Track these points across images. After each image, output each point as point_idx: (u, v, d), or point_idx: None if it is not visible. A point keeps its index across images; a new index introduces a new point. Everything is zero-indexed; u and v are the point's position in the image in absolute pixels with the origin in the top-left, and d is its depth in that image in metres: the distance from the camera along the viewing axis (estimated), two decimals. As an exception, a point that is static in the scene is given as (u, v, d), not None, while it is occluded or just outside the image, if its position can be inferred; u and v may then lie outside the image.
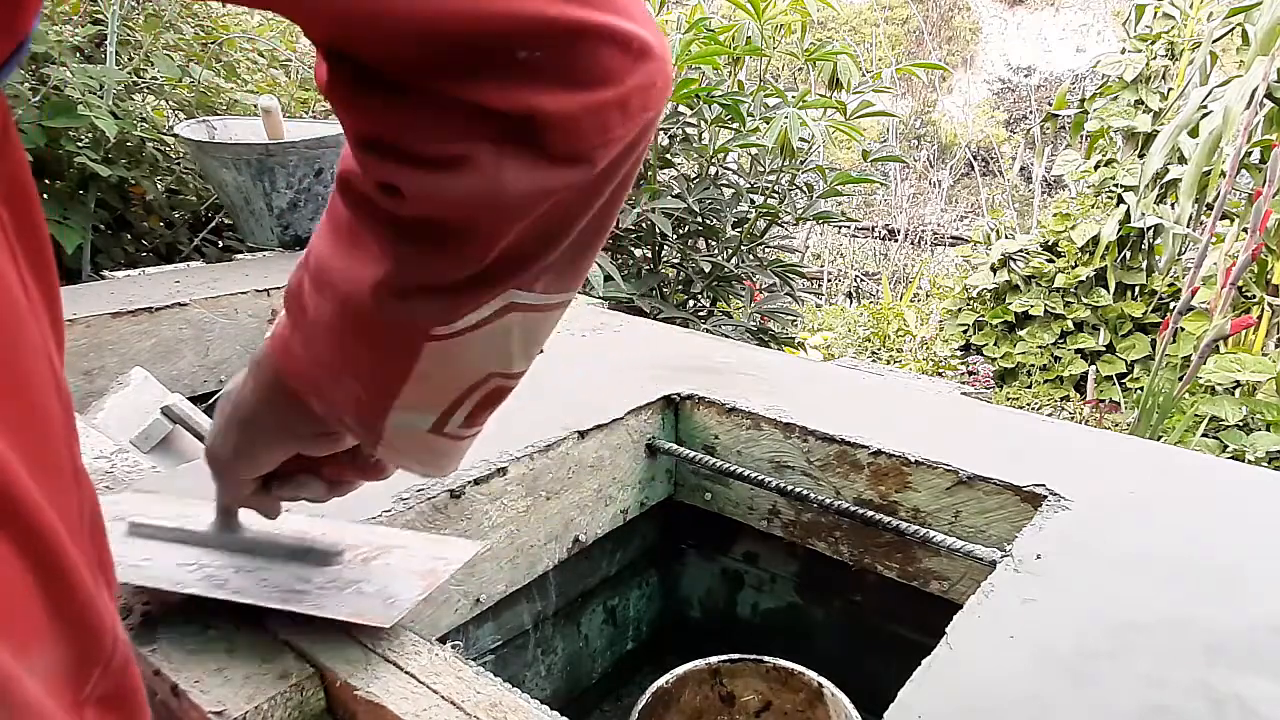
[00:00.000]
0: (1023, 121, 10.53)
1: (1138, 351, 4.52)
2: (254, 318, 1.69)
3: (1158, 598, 0.77)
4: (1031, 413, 1.20)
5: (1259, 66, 3.43)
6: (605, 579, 1.26)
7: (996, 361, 4.83)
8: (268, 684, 0.64)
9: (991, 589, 0.77)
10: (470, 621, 1.01)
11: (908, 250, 8.18)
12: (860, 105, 2.51)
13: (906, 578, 1.06)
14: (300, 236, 2.01)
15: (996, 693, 0.65)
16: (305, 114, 2.82)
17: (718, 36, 2.25)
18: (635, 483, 1.19)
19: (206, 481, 0.64)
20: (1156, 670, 0.68)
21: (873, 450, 1.05)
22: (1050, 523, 0.88)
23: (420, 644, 0.68)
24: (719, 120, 2.46)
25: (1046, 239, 4.88)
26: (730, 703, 1.00)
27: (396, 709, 0.61)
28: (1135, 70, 4.62)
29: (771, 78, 3.31)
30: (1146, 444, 1.11)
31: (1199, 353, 3.36)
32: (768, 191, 2.59)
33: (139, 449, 1.25)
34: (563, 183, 0.40)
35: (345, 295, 0.46)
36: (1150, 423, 3.21)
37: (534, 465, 1.03)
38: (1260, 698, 0.65)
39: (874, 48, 10.46)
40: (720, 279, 2.57)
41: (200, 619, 0.71)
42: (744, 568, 1.28)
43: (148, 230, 2.31)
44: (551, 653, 1.20)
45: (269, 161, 1.87)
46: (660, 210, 2.26)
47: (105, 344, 1.48)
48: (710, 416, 1.19)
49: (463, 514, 0.95)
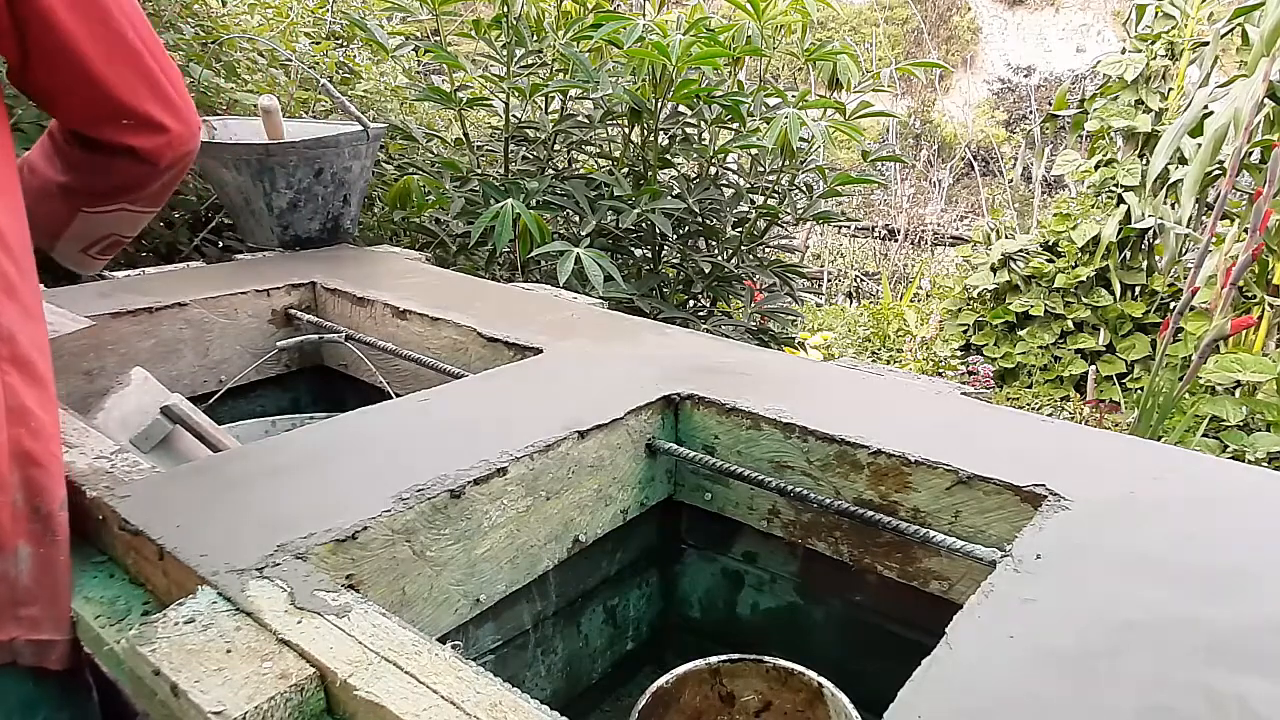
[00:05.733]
0: (1023, 121, 10.53)
1: (1138, 352, 4.52)
2: (254, 318, 1.69)
3: (1158, 598, 0.77)
4: (1031, 413, 1.20)
5: (1262, 67, 3.43)
6: (605, 579, 1.26)
7: (997, 361, 4.83)
8: (268, 684, 0.64)
9: (991, 589, 0.77)
10: (470, 621, 1.01)
11: (908, 250, 8.18)
12: (860, 105, 2.51)
13: (906, 578, 1.06)
14: (300, 236, 2.01)
15: (996, 693, 0.65)
16: (305, 114, 2.82)
17: (718, 36, 2.25)
18: (635, 483, 1.19)
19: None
20: (1156, 670, 0.68)
21: (873, 450, 1.05)
22: (1050, 523, 0.88)
23: (420, 644, 0.68)
24: (719, 120, 2.46)
25: (1047, 239, 4.88)
26: (730, 703, 1.00)
27: (396, 709, 0.61)
28: (1136, 70, 4.62)
29: (771, 78, 3.31)
30: (1146, 444, 1.11)
31: (1199, 353, 3.36)
32: (768, 192, 2.59)
33: (139, 449, 1.25)
34: (144, 170, 1.01)
35: (43, 183, 1.04)
36: (1150, 423, 3.21)
37: (534, 465, 1.03)
38: (1260, 698, 0.65)
39: (874, 48, 10.46)
40: (720, 279, 2.57)
41: (200, 619, 0.71)
42: (744, 568, 1.28)
43: (148, 230, 2.31)
44: (551, 653, 1.20)
45: (269, 161, 1.87)
46: (660, 210, 2.26)
47: (105, 344, 1.48)
48: (710, 416, 1.19)
49: (463, 514, 0.95)
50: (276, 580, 0.76)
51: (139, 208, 1.11)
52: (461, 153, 2.78)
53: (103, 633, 0.80)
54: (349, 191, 2.03)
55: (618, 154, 2.64)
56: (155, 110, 0.96)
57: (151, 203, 1.11)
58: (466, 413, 1.14)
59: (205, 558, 0.79)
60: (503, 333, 1.46)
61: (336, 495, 0.91)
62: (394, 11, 2.61)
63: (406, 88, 3.20)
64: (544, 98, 2.58)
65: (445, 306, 1.59)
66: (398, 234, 2.74)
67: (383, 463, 0.99)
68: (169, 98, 0.97)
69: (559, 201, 2.38)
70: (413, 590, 0.92)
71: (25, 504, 0.80)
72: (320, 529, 0.84)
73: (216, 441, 1.31)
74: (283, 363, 1.75)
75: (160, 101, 0.96)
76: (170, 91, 0.97)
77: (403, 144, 2.77)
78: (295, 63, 2.75)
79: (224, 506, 0.89)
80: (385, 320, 1.64)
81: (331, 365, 1.78)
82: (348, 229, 2.10)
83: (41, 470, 0.82)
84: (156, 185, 1.07)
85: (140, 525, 0.84)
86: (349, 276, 1.79)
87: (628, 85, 2.37)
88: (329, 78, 2.86)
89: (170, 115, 0.98)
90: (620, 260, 2.62)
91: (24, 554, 0.80)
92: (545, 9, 2.57)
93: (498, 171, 2.60)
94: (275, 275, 1.78)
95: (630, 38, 2.07)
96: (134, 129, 0.96)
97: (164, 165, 1.01)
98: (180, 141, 1.00)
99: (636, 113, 2.40)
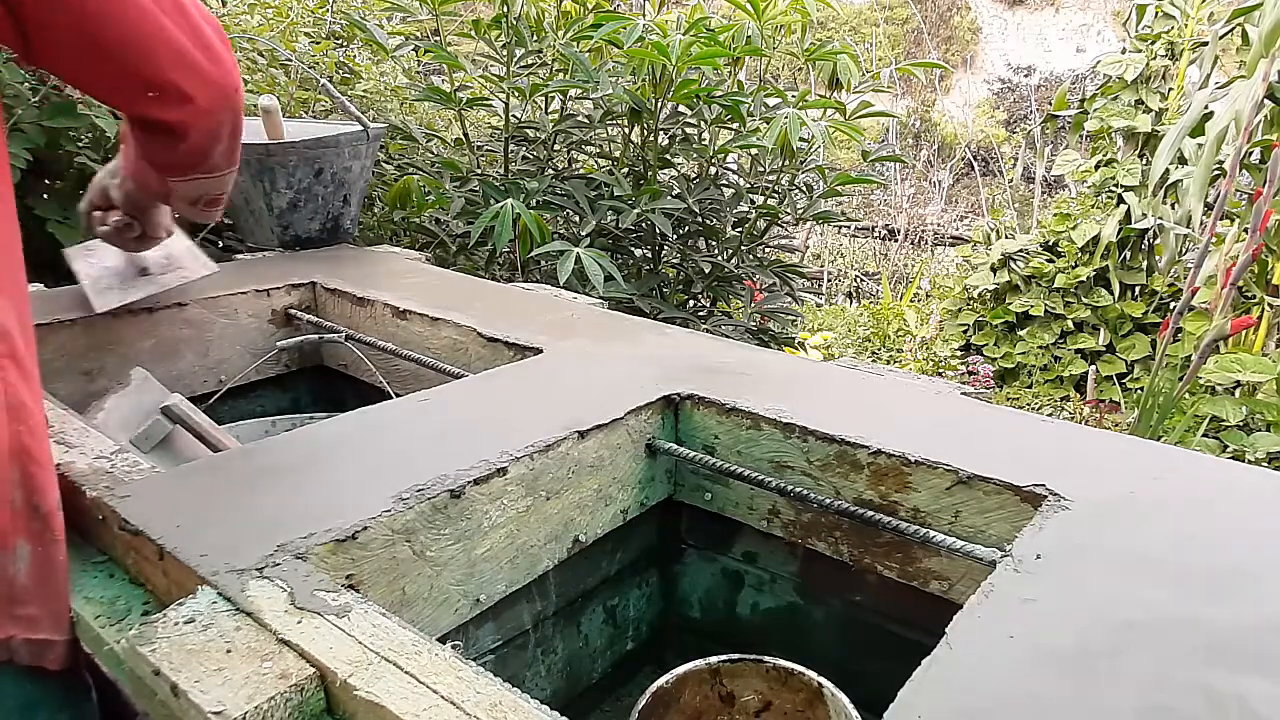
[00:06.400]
0: (1023, 121, 10.53)
1: (1138, 351, 4.52)
2: (254, 318, 1.69)
3: (1158, 598, 0.77)
4: (1031, 413, 1.20)
5: (1261, 67, 3.43)
6: (605, 579, 1.26)
7: (997, 361, 4.84)
8: (268, 684, 0.64)
9: (991, 589, 0.77)
10: (470, 621, 1.01)
11: (908, 250, 8.18)
12: (860, 105, 2.51)
13: (906, 578, 1.06)
14: (300, 236, 2.01)
15: (996, 693, 0.65)
16: (305, 114, 2.82)
17: (717, 36, 2.25)
18: (635, 483, 1.19)
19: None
20: (1156, 670, 0.68)
21: (873, 450, 1.05)
22: (1050, 523, 0.88)
23: (420, 644, 0.68)
24: (719, 120, 2.46)
25: (1047, 239, 4.89)
26: (730, 703, 1.00)
27: (396, 709, 0.61)
28: (1136, 70, 4.62)
29: (771, 78, 3.31)
30: (1146, 444, 1.11)
31: (1199, 353, 3.36)
32: (768, 192, 2.59)
33: (139, 449, 1.25)
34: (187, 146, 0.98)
35: (135, 154, 1.08)
36: (1150, 423, 3.21)
37: (534, 465, 1.03)
38: (1260, 698, 0.65)
39: (874, 48, 10.46)
40: (720, 279, 2.57)
41: (200, 619, 0.71)
42: (744, 568, 1.28)
43: (148, 230, 2.31)
44: (551, 653, 1.20)
45: (269, 161, 1.87)
46: (660, 210, 2.26)
47: (105, 344, 1.48)
48: (710, 416, 1.19)
49: (463, 514, 0.95)
50: (276, 580, 0.76)
51: (213, 174, 1.07)
52: (461, 153, 2.78)
53: (103, 633, 0.80)
54: (349, 191, 2.03)
55: (618, 154, 2.64)
56: (179, 78, 0.87)
57: (224, 167, 1.07)
58: (466, 413, 1.15)
59: (205, 558, 0.79)
60: (503, 333, 1.46)
61: (336, 495, 0.91)
62: (394, 11, 2.61)
63: (406, 88, 3.20)
64: (544, 98, 2.58)
65: (445, 306, 1.59)
66: (398, 234, 2.74)
67: (383, 463, 0.99)
68: (192, 64, 0.87)
69: (559, 201, 2.38)
70: (413, 590, 0.92)
71: (24, 502, 0.80)
72: (320, 529, 0.84)
73: (216, 441, 1.32)
74: (283, 363, 1.75)
75: (182, 69, 0.87)
76: (194, 56, 0.87)
77: (403, 144, 2.77)
78: (295, 63, 2.75)
79: (224, 506, 0.89)
80: (385, 320, 1.64)
81: (331, 365, 1.78)
82: (348, 229, 2.10)
83: (40, 468, 0.81)
84: (213, 154, 1.01)
85: (140, 525, 0.84)
86: (349, 276, 1.79)
87: (628, 85, 2.37)
88: (329, 78, 2.86)
89: (195, 82, 0.88)
90: (620, 260, 2.62)
91: (23, 552, 0.80)
92: (545, 9, 2.57)
93: (498, 171, 2.60)
94: (275, 275, 1.77)
95: (630, 38, 2.07)
96: (158, 101, 0.88)
97: (199, 136, 0.94)
98: (210, 111, 0.92)
99: (636, 113, 2.40)
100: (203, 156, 1.02)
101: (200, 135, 0.96)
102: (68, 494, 0.93)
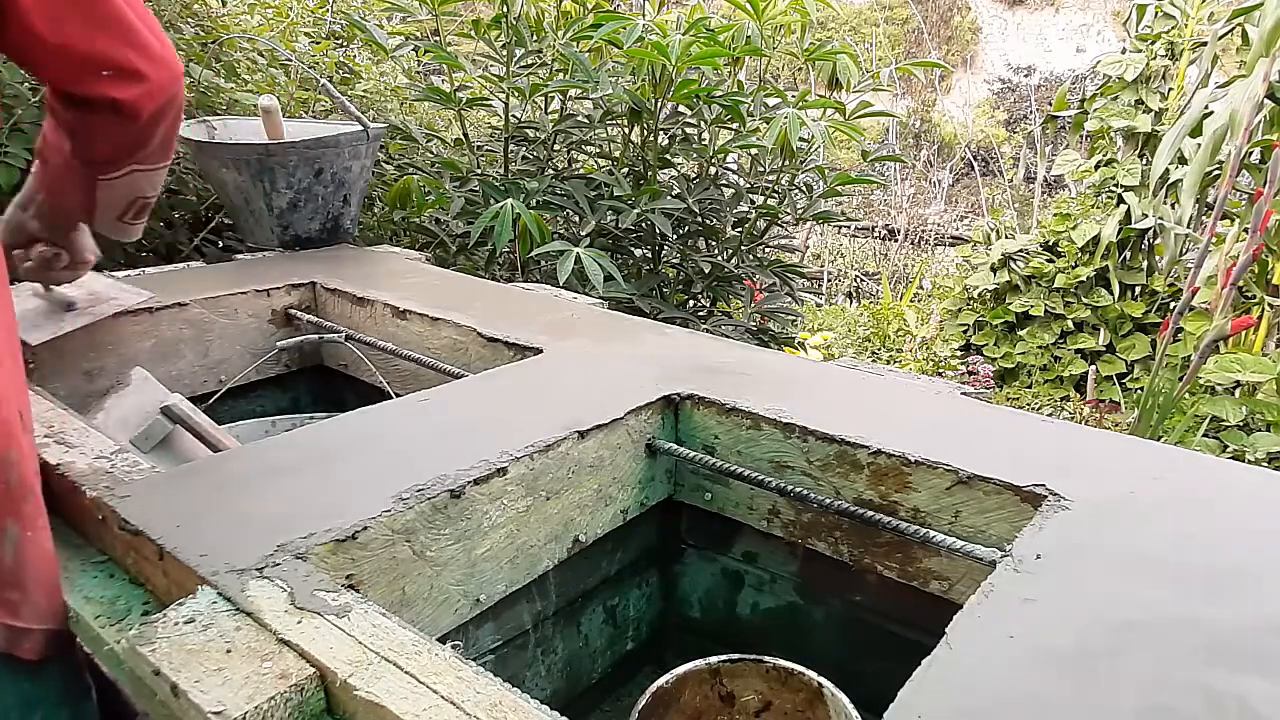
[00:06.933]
0: (1023, 121, 10.53)
1: (1138, 351, 4.52)
2: (254, 318, 1.69)
3: (1158, 598, 0.77)
4: (1031, 413, 1.20)
5: (1261, 67, 3.43)
6: (605, 579, 1.26)
7: (997, 361, 4.83)
8: (268, 684, 0.64)
9: (991, 589, 0.77)
10: (470, 621, 1.01)
11: (908, 250, 8.18)
12: (860, 105, 2.51)
13: (906, 578, 1.06)
14: (300, 236, 2.01)
15: (996, 693, 0.65)
16: (305, 114, 2.82)
17: (717, 36, 2.25)
18: (635, 483, 1.19)
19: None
20: (1156, 670, 0.68)
21: (873, 450, 1.05)
22: (1050, 523, 0.88)
23: (420, 644, 0.68)
24: (719, 120, 2.46)
25: (1047, 239, 4.88)
26: (730, 703, 1.00)
27: (396, 709, 0.61)
28: (1136, 70, 4.62)
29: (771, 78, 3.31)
30: (1146, 444, 1.11)
31: (1199, 353, 3.36)
32: (768, 192, 2.59)
33: (139, 449, 1.25)
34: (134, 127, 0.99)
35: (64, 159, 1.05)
36: (1150, 423, 3.21)
37: (534, 465, 1.03)
38: (1260, 698, 0.65)
39: (874, 48, 10.46)
40: (720, 279, 2.57)
41: (200, 619, 0.71)
42: (744, 568, 1.28)
43: (147, 230, 2.31)
44: (551, 653, 1.20)
45: (269, 161, 1.87)
46: (660, 210, 2.26)
47: (105, 344, 1.48)
48: (710, 416, 1.19)
49: (463, 514, 0.95)
50: (276, 580, 0.76)
51: (149, 166, 1.10)
52: (461, 153, 2.78)
53: (103, 633, 0.80)
54: (349, 191, 2.03)
55: (618, 154, 2.64)
56: (132, 57, 0.93)
57: (159, 158, 1.10)
58: (466, 413, 1.14)
59: (205, 558, 0.79)
60: (503, 333, 1.46)
61: (336, 495, 0.91)
62: (394, 11, 2.61)
63: (406, 88, 3.20)
64: (544, 98, 2.58)
65: (445, 306, 1.59)
66: (398, 234, 2.74)
67: (383, 463, 0.99)
68: (145, 44, 0.94)
69: (559, 201, 2.38)
70: (413, 590, 0.92)
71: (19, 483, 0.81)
72: (320, 529, 0.84)
73: (216, 441, 1.31)
74: (283, 363, 1.75)
75: (136, 48, 0.93)
76: (146, 37, 0.94)
77: (403, 144, 2.77)
78: (295, 63, 2.75)
79: (224, 506, 0.89)
80: (385, 320, 1.64)
81: (331, 365, 1.78)
82: (348, 229, 2.10)
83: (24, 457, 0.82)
84: (154, 139, 1.04)
85: (140, 525, 0.84)
86: (349, 276, 1.79)
87: (627, 85, 2.37)
88: (329, 78, 2.86)
89: (147, 61, 0.95)
90: (620, 260, 2.62)
91: (12, 534, 0.80)
92: (545, 9, 2.57)
93: (498, 171, 2.60)
94: (275, 275, 1.77)
95: (630, 38, 2.07)
96: (113, 80, 0.93)
97: (148, 116, 0.98)
98: (161, 89, 0.97)
99: (636, 113, 2.40)
100: (145, 140, 1.03)
101: (148, 117, 0.99)
102: (68, 494, 0.93)
